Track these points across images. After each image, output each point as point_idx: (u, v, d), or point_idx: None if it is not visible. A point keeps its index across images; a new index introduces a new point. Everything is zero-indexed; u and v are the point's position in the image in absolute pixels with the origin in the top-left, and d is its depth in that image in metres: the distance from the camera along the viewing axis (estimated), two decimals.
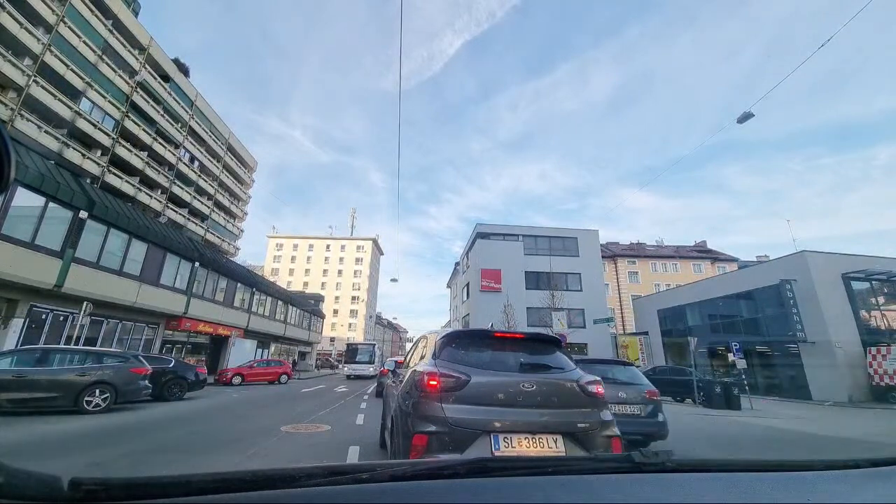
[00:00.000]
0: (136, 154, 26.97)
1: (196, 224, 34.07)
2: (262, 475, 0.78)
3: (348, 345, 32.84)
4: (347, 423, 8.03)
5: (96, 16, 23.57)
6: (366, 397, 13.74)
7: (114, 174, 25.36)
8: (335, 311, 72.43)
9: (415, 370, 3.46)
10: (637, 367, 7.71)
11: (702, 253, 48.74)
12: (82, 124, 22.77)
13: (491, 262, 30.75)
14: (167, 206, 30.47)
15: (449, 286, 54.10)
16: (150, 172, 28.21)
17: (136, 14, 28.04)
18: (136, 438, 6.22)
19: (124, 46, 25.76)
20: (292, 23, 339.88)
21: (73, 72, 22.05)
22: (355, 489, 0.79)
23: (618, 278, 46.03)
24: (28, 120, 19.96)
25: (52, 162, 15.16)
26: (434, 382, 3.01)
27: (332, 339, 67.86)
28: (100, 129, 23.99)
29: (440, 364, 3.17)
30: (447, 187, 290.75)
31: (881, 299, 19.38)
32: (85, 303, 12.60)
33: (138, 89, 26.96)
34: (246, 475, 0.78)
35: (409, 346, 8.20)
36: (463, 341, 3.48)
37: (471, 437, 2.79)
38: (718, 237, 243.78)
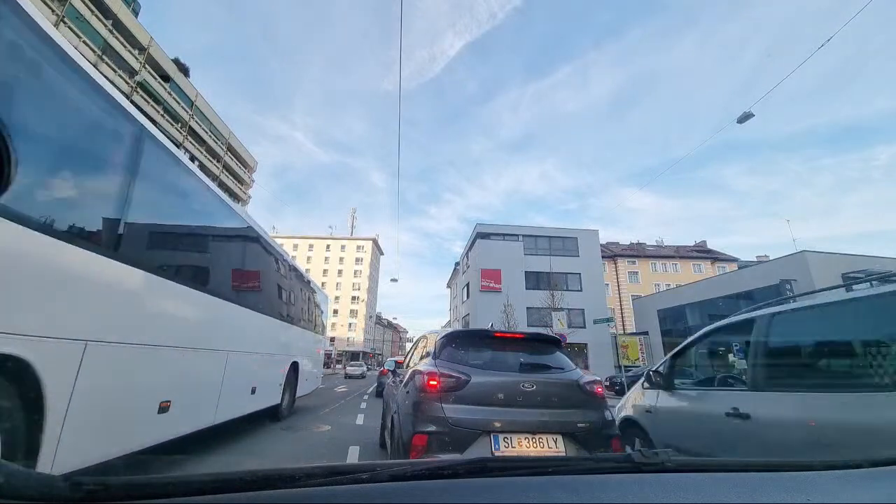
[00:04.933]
0: None
1: None
2: (262, 475, 0.78)
3: None
4: (347, 423, 8.03)
5: (96, 16, 23.59)
6: (366, 397, 13.75)
7: None
8: (335, 311, 72.43)
9: (415, 370, 3.46)
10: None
11: (702, 253, 48.78)
12: None
13: (491, 262, 30.76)
14: None
15: (449, 286, 54.15)
16: None
17: (136, 14, 28.07)
18: None
19: (124, 46, 25.78)
20: (295, 24, 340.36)
21: None
22: (355, 489, 0.79)
23: (618, 278, 46.04)
24: None
25: None
26: (434, 382, 3.02)
27: (332, 339, 67.90)
28: None
29: (440, 364, 3.18)
30: (448, 187, 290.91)
31: None
32: None
33: (138, 89, 26.97)
34: (246, 475, 0.78)
35: (409, 346, 8.27)
36: (463, 341, 3.49)
37: (471, 437, 2.80)
38: (718, 237, 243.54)
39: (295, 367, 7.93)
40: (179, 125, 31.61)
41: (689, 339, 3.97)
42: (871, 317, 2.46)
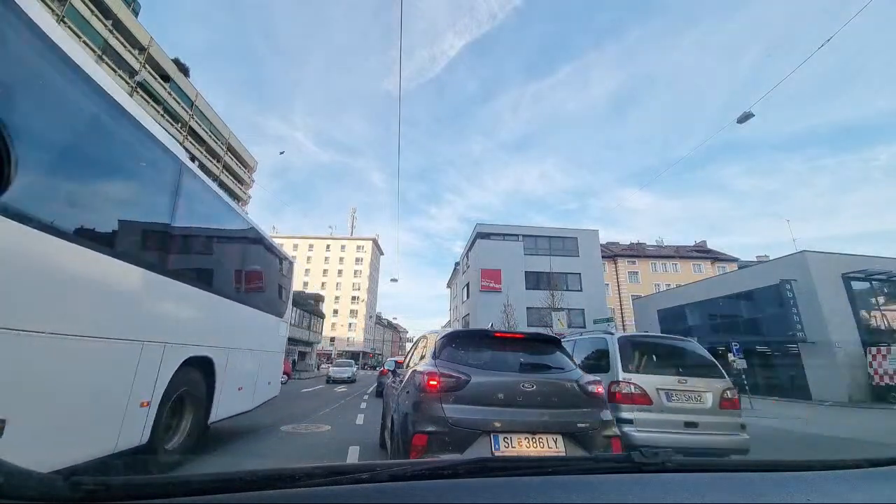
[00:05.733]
0: None
1: None
2: (262, 475, 0.78)
3: None
4: (347, 423, 8.03)
5: (96, 16, 23.60)
6: (366, 397, 13.75)
7: None
8: (335, 311, 72.45)
9: (415, 370, 3.46)
10: None
11: (702, 253, 48.75)
12: None
13: (491, 262, 30.75)
14: None
15: (449, 286, 54.15)
16: None
17: (136, 14, 28.06)
18: None
19: (124, 46, 25.78)
20: (295, 24, 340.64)
21: None
22: (355, 489, 0.79)
23: (618, 278, 46.02)
24: None
25: None
26: (434, 382, 3.01)
27: (332, 339, 67.91)
28: None
29: (440, 364, 3.18)
30: (448, 187, 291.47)
31: (881, 299, 19.36)
32: None
33: (138, 89, 26.97)
34: (246, 475, 0.77)
35: (409, 346, 8.19)
36: (463, 341, 3.49)
37: (471, 437, 2.80)
38: (718, 237, 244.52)
39: (205, 367, 4.60)
40: (179, 125, 31.62)
41: None
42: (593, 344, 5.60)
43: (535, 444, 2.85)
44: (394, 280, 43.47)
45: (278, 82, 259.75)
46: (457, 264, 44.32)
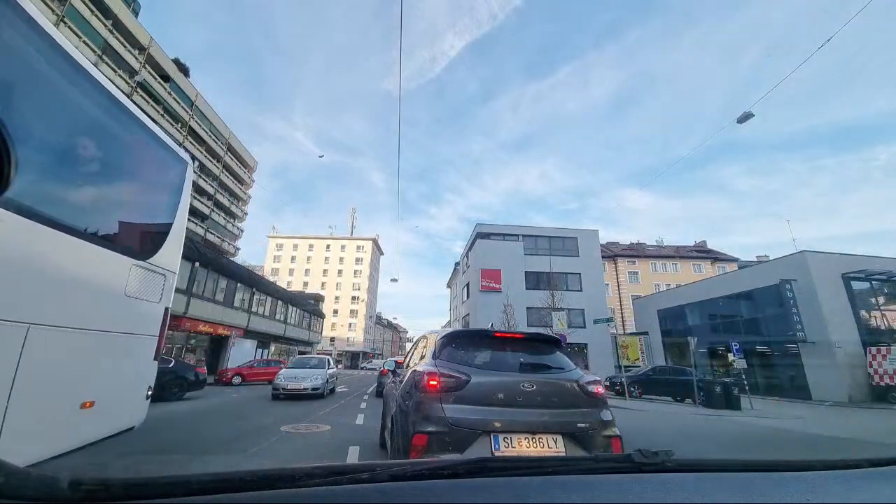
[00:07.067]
0: None
1: (196, 224, 34.09)
2: (262, 475, 0.78)
3: None
4: (347, 423, 8.02)
5: (96, 16, 23.61)
6: (366, 397, 13.75)
7: None
8: (335, 311, 72.43)
9: (415, 370, 3.46)
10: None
11: (702, 253, 48.75)
12: None
13: (491, 262, 30.73)
14: None
15: (449, 286, 54.14)
16: None
17: (136, 14, 28.07)
18: (135, 439, 6.21)
19: (124, 46, 25.79)
20: (295, 24, 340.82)
21: None
22: (355, 489, 0.79)
23: (618, 278, 46.03)
24: None
25: None
26: (434, 382, 3.01)
27: (332, 339, 67.90)
28: None
29: (440, 364, 3.17)
30: (448, 188, 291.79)
31: (881, 299, 19.37)
32: None
33: (138, 89, 26.98)
34: (246, 475, 0.78)
35: (408, 346, 8.22)
36: (463, 341, 3.48)
37: (471, 437, 2.79)
38: (718, 237, 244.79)
39: None
40: (179, 125, 31.63)
41: None
42: None
43: (535, 444, 2.84)
44: (394, 280, 43.46)
45: (278, 82, 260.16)
46: (457, 264, 44.31)
